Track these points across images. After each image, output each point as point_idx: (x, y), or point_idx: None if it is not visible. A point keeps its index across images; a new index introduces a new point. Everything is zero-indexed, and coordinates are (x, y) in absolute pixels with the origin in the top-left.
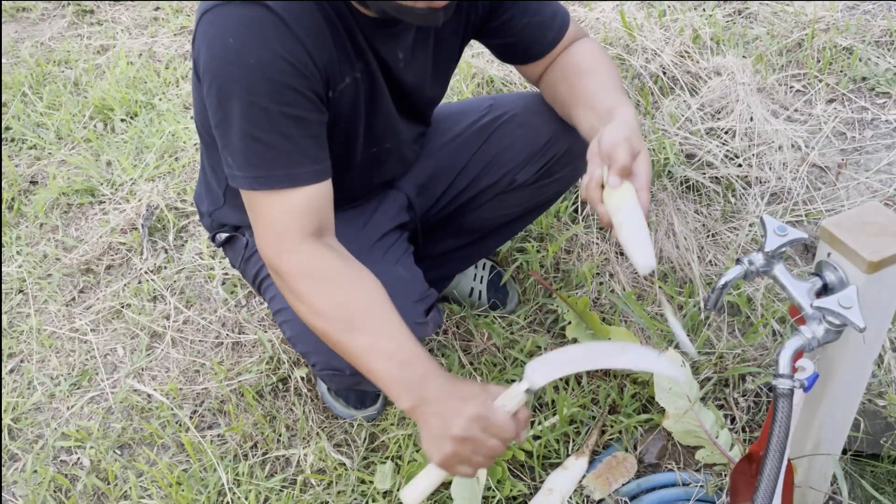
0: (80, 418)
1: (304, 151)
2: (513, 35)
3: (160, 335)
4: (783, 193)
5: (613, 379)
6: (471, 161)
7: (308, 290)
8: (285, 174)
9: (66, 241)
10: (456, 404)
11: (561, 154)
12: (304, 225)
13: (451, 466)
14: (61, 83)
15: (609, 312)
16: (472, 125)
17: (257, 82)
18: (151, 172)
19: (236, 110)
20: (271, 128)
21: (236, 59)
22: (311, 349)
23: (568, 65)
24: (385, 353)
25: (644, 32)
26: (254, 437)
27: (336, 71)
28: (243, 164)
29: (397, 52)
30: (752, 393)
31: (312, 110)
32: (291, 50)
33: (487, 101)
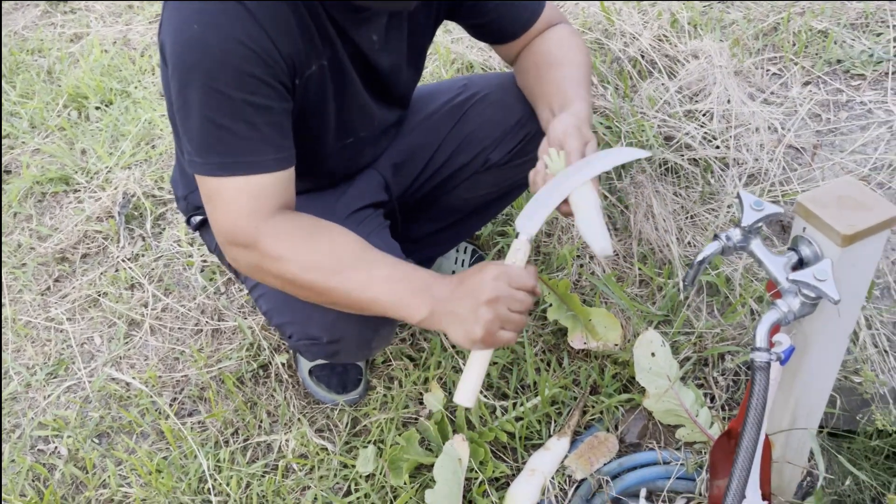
0: (58, 407)
1: (268, 139)
2: (485, 16)
3: (138, 323)
4: (760, 174)
5: (594, 360)
6: (445, 140)
7: (290, 248)
8: (247, 161)
9: (41, 230)
10: (474, 279)
11: (534, 133)
12: (271, 202)
13: (494, 334)
14: (35, 72)
15: (590, 294)
16: (445, 104)
17: (219, 69)
18: (127, 160)
19: (197, 97)
20: (233, 115)
21: (199, 45)
22: (286, 320)
23: (538, 53)
24: (383, 277)
25: (622, 17)
26: (235, 423)
27: (302, 58)
28: (202, 150)
29: (371, 35)
30: (731, 371)
31: (276, 98)
32: (254, 37)
33: (462, 80)
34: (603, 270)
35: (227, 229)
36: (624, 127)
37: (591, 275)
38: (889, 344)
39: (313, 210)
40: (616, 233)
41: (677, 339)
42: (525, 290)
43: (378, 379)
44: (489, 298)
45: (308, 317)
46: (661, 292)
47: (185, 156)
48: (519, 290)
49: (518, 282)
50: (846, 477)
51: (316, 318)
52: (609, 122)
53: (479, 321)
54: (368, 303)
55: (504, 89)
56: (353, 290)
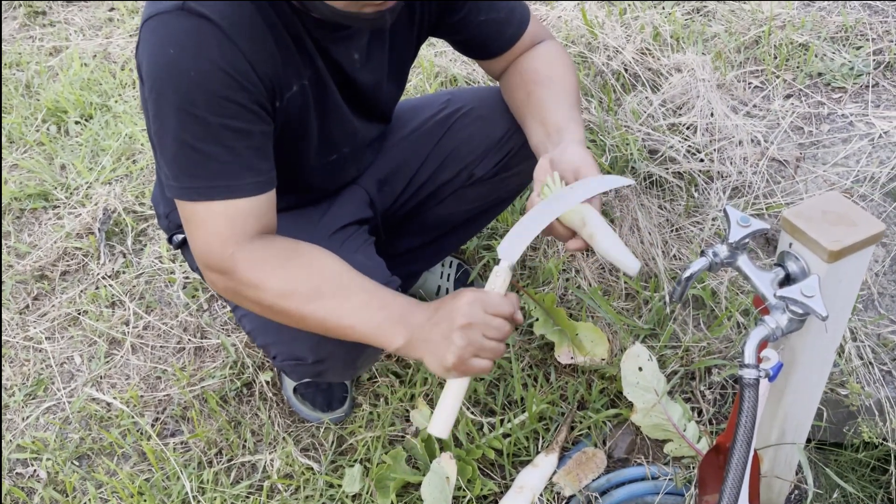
0: (36, 429)
1: (246, 163)
2: (469, 32)
3: (119, 342)
4: (744, 187)
5: (581, 375)
6: (429, 155)
7: (266, 275)
8: (225, 186)
9: (19, 247)
10: (448, 305)
11: (518, 148)
12: (248, 228)
13: (466, 361)
14: (12, 86)
15: (576, 308)
16: (429, 119)
17: (196, 94)
18: (108, 175)
19: (174, 121)
20: (210, 139)
21: (175, 70)
22: (270, 340)
23: (526, 70)
24: (360, 304)
25: (605, 30)
26: (218, 443)
27: (282, 80)
28: (179, 174)
29: (352, 52)
30: (718, 385)
31: (255, 122)
32: (231, 61)
33: (445, 95)
34: (589, 284)
35: (203, 254)
36: (609, 140)
37: (578, 288)
38: (874, 356)
39: (296, 229)
40: None
41: (664, 352)
42: (502, 316)
43: (364, 396)
44: (462, 324)
45: (293, 337)
46: (647, 306)
47: (163, 178)
48: (496, 316)
49: (494, 308)
50: (834, 490)
51: (301, 339)
52: (594, 136)
53: (451, 347)
54: (345, 330)
55: (488, 104)
56: (330, 318)
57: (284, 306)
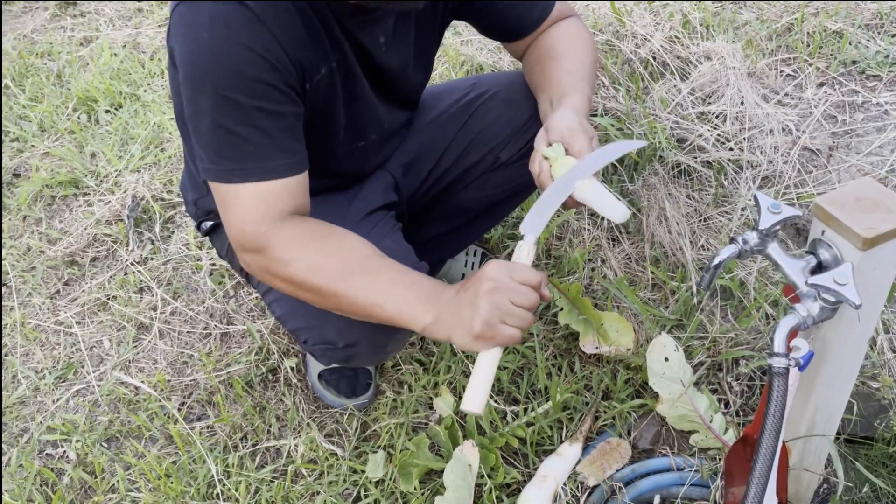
0: (66, 411)
1: (279, 144)
2: (493, 16)
3: (147, 327)
4: (774, 177)
5: (606, 364)
6: (454, 139)
7: (297, 252)
8: (260, 167)
9: (50, 233)
10: (474, 278)
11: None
12: (283, 206)
13: (494, 328)
14: (44, 75)
15: (601, 298)
16: (454, 104)
17: (229, 77)
18: (137, 163)
19: (209, 104)
20: (245, 121)
21: (209, 53)
22: (300, 325)
23: (542, 47)
24: (389, 282)
25: (633, 18)
26: (243, 428)
27: (311, 63)
28: (215, 156)
29: (378, 37)
30: (746, 377)
31: (286, 103)
32: (263, 44)
33: (470, 80)
34: (615, 274)
35: (237, 234)
36: (636, 129)
37: (603, 278)
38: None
39: (327, 213)
40: (628, 235)
41: (691, 343)
42: (529, 285)
43: (388, 383)
44: (488, 288)
45: (322, 321)
46: (674, 296)
47: (196, 161)
48: (522, 284)
49: (521, 276)
50: (863, 484)
51: (330, 323)
52: (621, 125)
53: (477, 312)
54: (373, 308)
55: (513, 87)
56: (359, 296)
57: (314, 282)
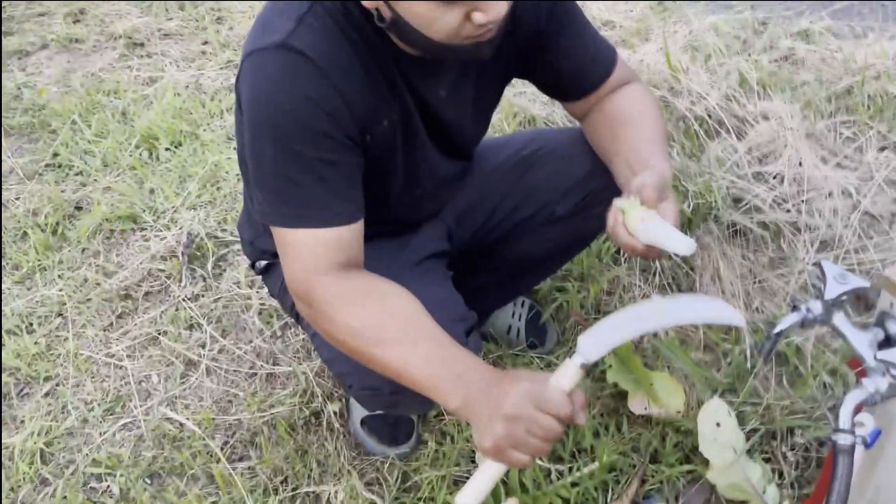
0: (112, 445)
1: (338, 193)
2: (555, 73)
3: (195, 364)
4: (834, 241)
5: (655, 426)
6: (510, 192)
7: (338, 311)
8: (317, 214)
9: (107, 266)
10: (503, 387)
11: (601, 188)
12: (334, 257)
13: (503, 451)
14: (110, 112)
15: (651, 357)
16: (512, 157)
17: (293, 127)
18: (193, 201)
19: (270, 151)
20: (305, 170)
21: (274, 104)
22: (347, 369)
23: (611, 111)
24: (424, 356)
25: (689, 75)
26: (284, 471)
27: (372, 115)
28: (274, 200)
29: (439, 89)
30: (801, 447)
31: (346, 154)
32: (326, 97)
33: (529, 134)
34: (666, 333)
35: (290, 279)
36: (691, 186)
37: (654, 336)
38: None
39: (379, 259)
40: (680, 293)
41: (743, 409)
42: (555, 416)
43: (430, 433)
44: (507, 413)
45: (368, 369)
46: (726, 359)
47: (255, 204)
48: (547, 414)
49: (548, 406)
50: None
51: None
52: (675, 182)
53: (490, 433)
54: (406, 380)
55: (571, 143)
56: (391, 365)
57: (352, 345)
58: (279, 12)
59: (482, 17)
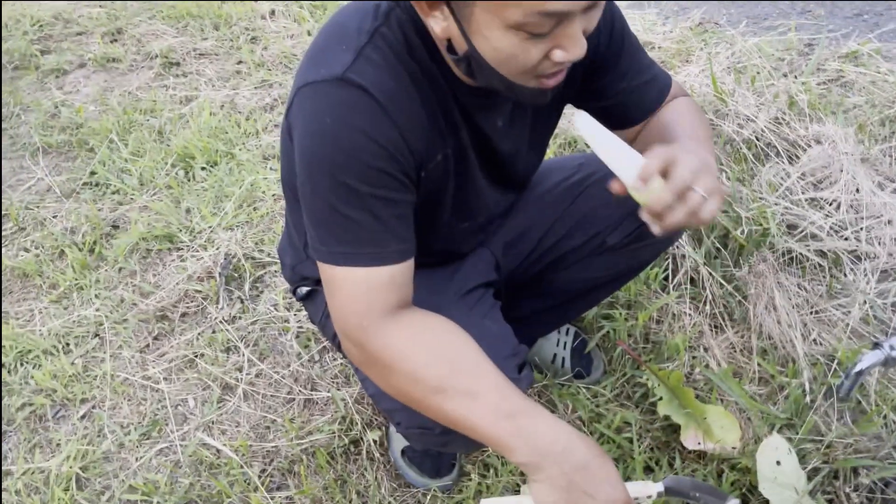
0: (148, 470)
1: (392, 231)
2: (610, 99)
3: (232, 388)
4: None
5: (710, 463)
6: (559, 219)
7: (396, 359)
8: (372, 253)
9: (144, 286)
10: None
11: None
12: (387, 299)
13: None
14: (146, 131)
15: (704, 389)
16: (561, 183)
17: (350, 164)
18: (230, 221)
19: (325, 186)
20: (359, 206)
21: (330, 139)
22: (396, 407)
23: (655, 128)
24: (488, 407)
25: (736, 98)
26: (323, 501)
27: (429, 150)
28: (327, 237)
29: (497, 119)
30: (866, 488)
31: (402, 191)
32: (384, 133)
33: (578, 159)
34: (718, 364)
35: (341, 321)
36: (743, 212)
37: (706, 367)
38: None
39: (427, 291)
40: (733, 324)
41: (803, 446)
42: None
43: (473, 465)
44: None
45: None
46: (783, 392)
47: (307, 239)
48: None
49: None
50: None
51: None
52: (726, 207)
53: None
54: (469, 431)
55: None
56: (452, 415)
57: (411, 395)
58: (337, 42)
59: (563, 55)
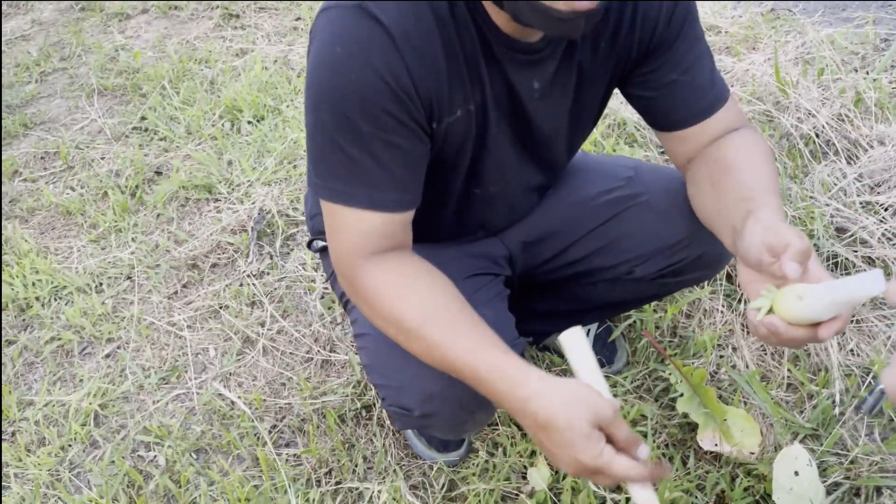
0: (164, 415)
1: (393, 178)
2: (657, 90)
3: (253, 342)
4: None
5: (725, 466)
6: (590, 234)
7: (383, 301)
8: (366, 195)
9: (179, 234)
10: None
11: (693, 258)
12: (380, 243)
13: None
14: (199, 81)
15: (728, 390)
16: (601, 194)
17: (353, 99)
18: (269, 177)
19: (329, 119)
20: (361, 146)
21: (337, 70)
22: (382, 382)
23: (713, 160)
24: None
25: (799, 90)
26: (329, 463)
27: (445, 101)
28: (326, 173)
29: (533, 81)
30: None
31: (409, 138)
32: (395, 74)
33: (628, 169)
34: (746, 366)
35: (335, 257)
36: (790, 211)
37: (732, 368)
38: None
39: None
40: None
41: (826, 459)
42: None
43: (482, 442)
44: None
45: (401, 386)
46: (811, 401)
47: (308, 174)
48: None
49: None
50: None
51: (409, 391)
52: None
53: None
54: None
55: (670, 197)
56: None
57: (390, 333)
58: None
59: None
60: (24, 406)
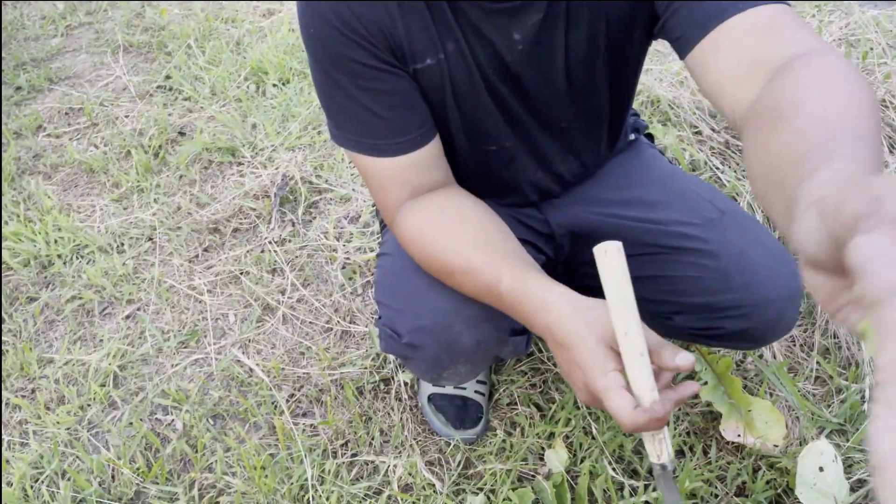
0: (182, 379)
1: (386, 124)
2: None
3: (273, 309)
4: None
5: (747, 458)
6: (643, 258)
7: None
8: (369, 144)
9: (201, 196)
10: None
11: (736, 331)
12: (402, 190)
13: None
14: (225, 41)
15: (754, 381)
16: (674, 223)
17: (320, 52)
18: (293, 142)
19: (319, 75)
20: (347, 96)
21: (306, 25)
22: (385, 301)
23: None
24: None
25: None
26: (346, 434)
27: (406, 45)
28: (330, 124)
29: (512, 32)
30: None
31: (388, 80)
32: (343, 19)
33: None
34: (773, 356)
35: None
36: None
37: (759, 358)
38: None
39: None
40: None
41: (851, 455)
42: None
43: (500, 421)
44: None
45: (400, 311)
46: (839, 395)
47: None
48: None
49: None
50: None
51: (406, 317)
52: None
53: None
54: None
55: (742, 262)
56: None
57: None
58: None
59: None
60: (44, 364)
